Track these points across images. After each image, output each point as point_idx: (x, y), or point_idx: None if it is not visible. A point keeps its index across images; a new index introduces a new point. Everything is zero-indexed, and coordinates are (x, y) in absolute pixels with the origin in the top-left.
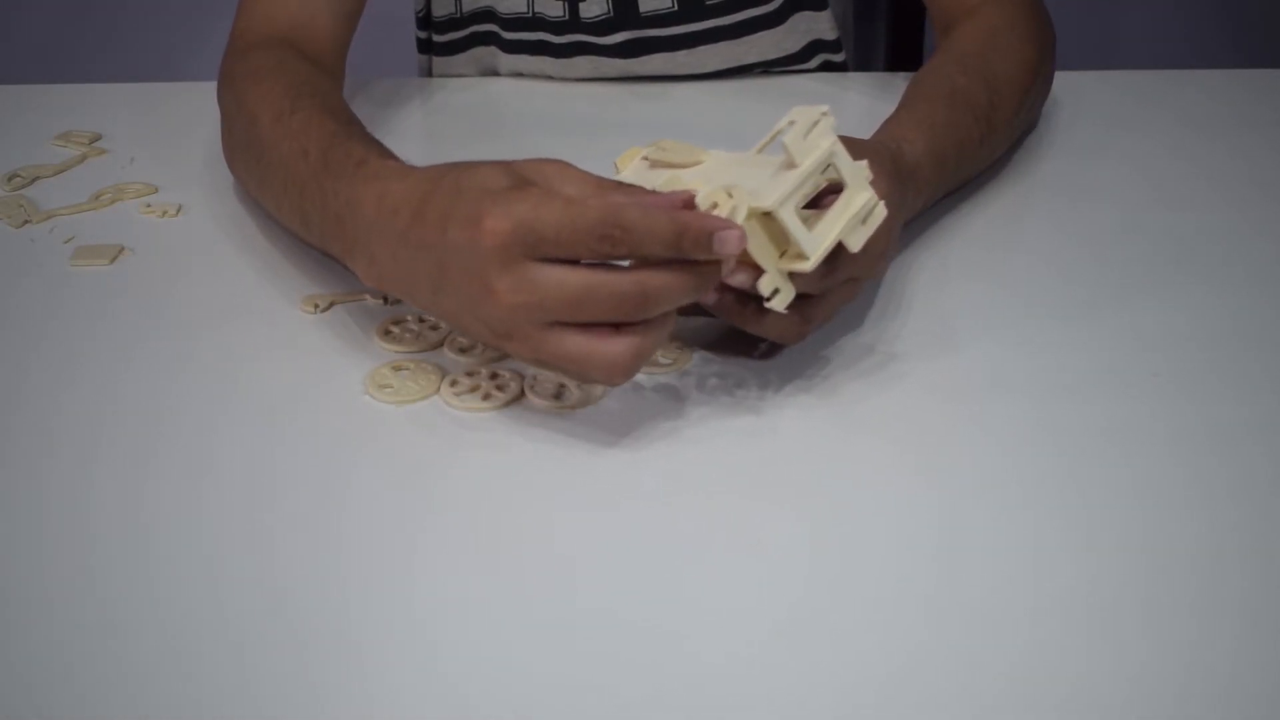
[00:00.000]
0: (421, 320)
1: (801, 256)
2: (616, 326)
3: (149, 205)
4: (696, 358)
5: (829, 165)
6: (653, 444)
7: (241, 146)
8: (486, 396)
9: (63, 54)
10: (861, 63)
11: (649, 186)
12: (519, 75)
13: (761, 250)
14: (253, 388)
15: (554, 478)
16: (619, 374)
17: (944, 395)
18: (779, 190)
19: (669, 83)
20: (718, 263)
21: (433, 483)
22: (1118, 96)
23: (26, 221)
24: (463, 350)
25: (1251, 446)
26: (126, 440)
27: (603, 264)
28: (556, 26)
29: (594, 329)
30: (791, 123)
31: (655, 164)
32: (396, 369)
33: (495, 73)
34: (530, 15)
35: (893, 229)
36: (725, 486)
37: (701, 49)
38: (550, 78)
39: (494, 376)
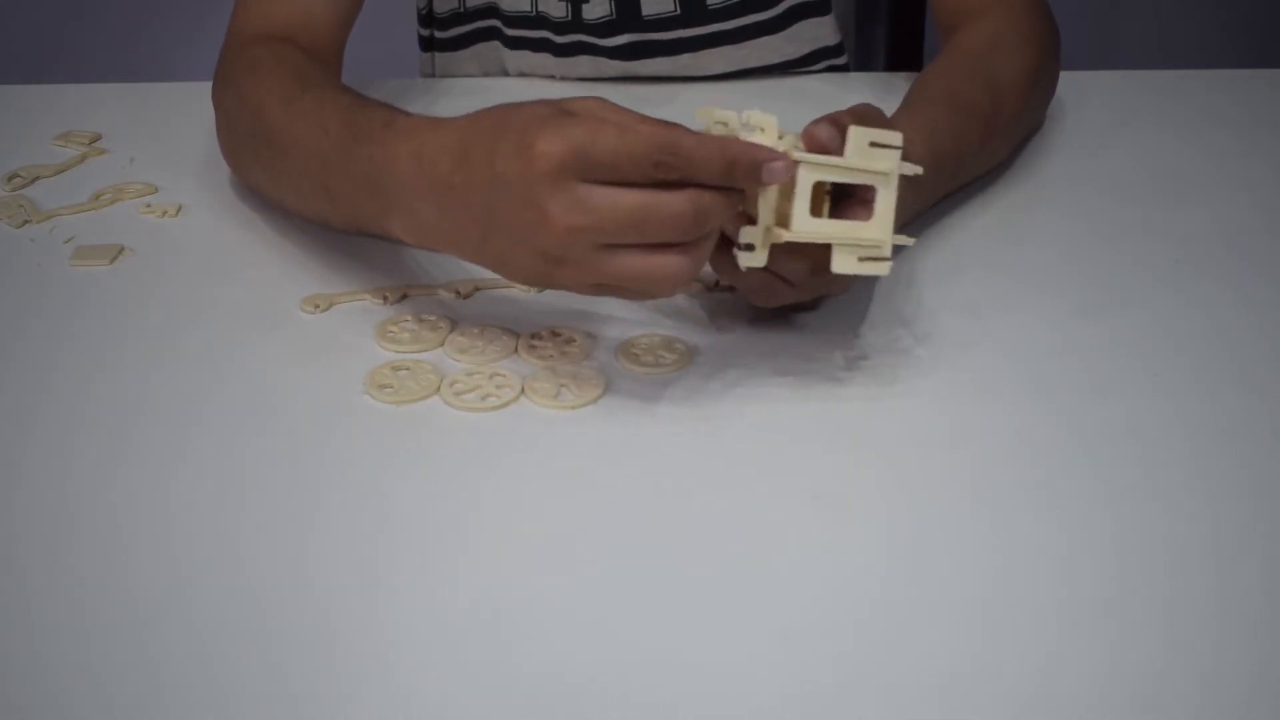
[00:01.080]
0: (421, 320)
1: (788, 228)
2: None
3: (149, 205)
4: (698, 357)
5: (871, 184)
6: (653, 444)
7: (246, 138)
8: (486, 396)
9: (63, 54)
10: (862, 64)
11: None
12: (521, 75)
13: (764, 206)
14: (253, 388)
15: (554, 478)
16: (678, 287)
17: (942, 395)
18: (815, 158)
19: (676, 84)
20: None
21: (432, 483)
22: (1118, 96)
23: (26, 221)
24: (462, 350)
25: (1253, 445)
26: (124, 439)
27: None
28: (559, 26)
29: (647, 247)
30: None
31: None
32: (396, 369)
33: (501, 68)
34: (534, 14)
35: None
36: (727, 486)
37: (703, 53)
38: (552, 77)
39: (494, 376)
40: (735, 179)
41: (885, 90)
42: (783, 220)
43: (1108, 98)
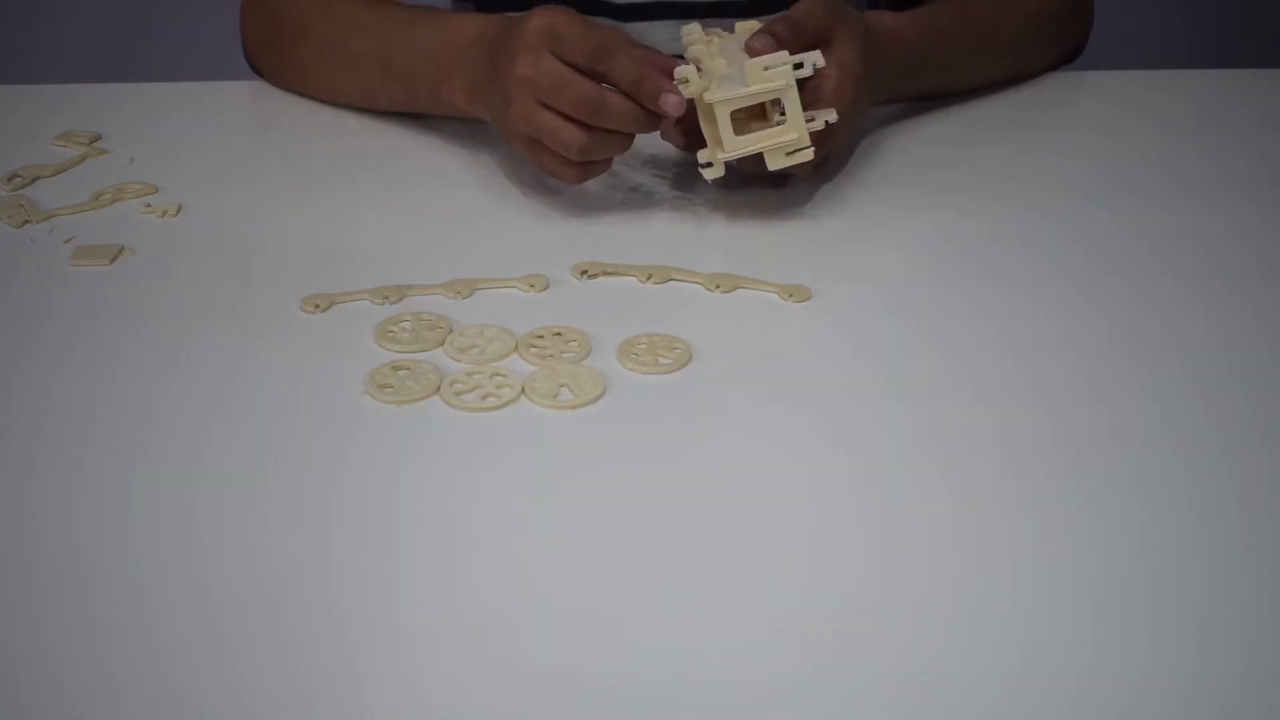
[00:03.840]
0: (421, 320)
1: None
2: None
3: (149, 205)
4: (696, 358)
5: (778, 98)
6: (652, 444)
7: (299, 29)
8: (486, 396)
9: (63, 54)
10: None
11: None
12: None
13: (708, 132)
14: (252, 388)
15: (553, 478)
16: (575, 152)
17: (941, 396)
18: (724, 93)
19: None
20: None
21: (432, 483)
22: (1116, 96)
23: (26, 221)
24: (462, 350)
25: (1252, 445)
26: (126, 440)
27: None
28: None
29: (565, 116)
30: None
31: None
32: (396, 369)
33: None
34: None
35: (857, 92)
36: (725, 487)
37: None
38: None
39: (494, 376)
40: (639, 95)
41: None
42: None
43: (1102, 97)
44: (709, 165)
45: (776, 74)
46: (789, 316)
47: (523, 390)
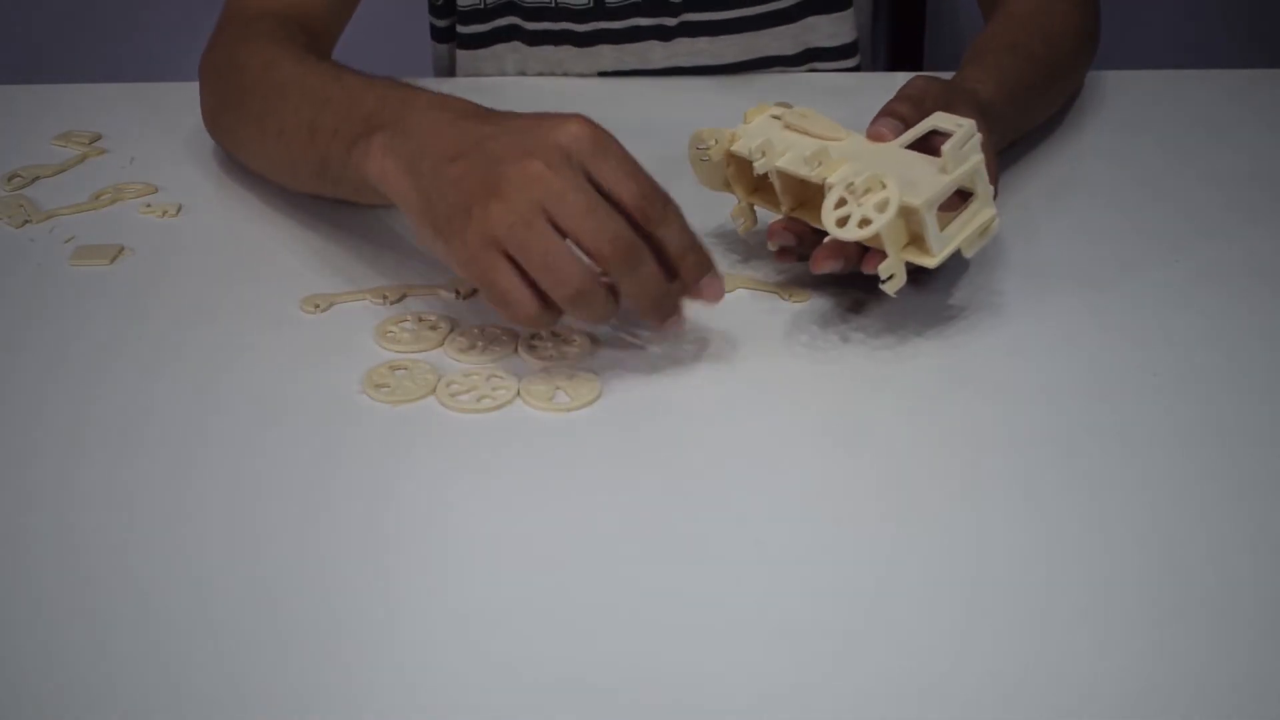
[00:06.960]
0: (421, 320)
1: (927, 252)
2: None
3: (149, 205)
4: (695, 359)
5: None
6: (650, 445)
7: (237, 93)
8: (482, 398)
9: (63, 54)
10: (865, 64)
11: (774, 142)
12: (540, 75)
13: (891, 237)
14: (251, 387)
15: (549, 479)
16: (562, 289)
17: (943, 396)
18: (930, 192)
19: (686, 77)
20: (672, 293)
21: (427, 483)
22: (1119, 97)
23: (26, 221)
24: (462, 351)
25: (1253, 446)
26: (124, 439)
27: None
28: (580, 15)
29: (530, 282)
30: (934, 131)
31: (790, 126)
32: (394, 369)
33: (519, 68)
34: (554, 6)
35: (993, 167)
36: (724, 488)
37: (721, 39)
38: (567, 74)
39: (491, 378)
40: (684, 266)
41: (890, 90)
42: (906, 237)
43: (1105, 98)
44: (891, 276)
45: (970, 149)
46: (789, 316)
47: (518, 392)
